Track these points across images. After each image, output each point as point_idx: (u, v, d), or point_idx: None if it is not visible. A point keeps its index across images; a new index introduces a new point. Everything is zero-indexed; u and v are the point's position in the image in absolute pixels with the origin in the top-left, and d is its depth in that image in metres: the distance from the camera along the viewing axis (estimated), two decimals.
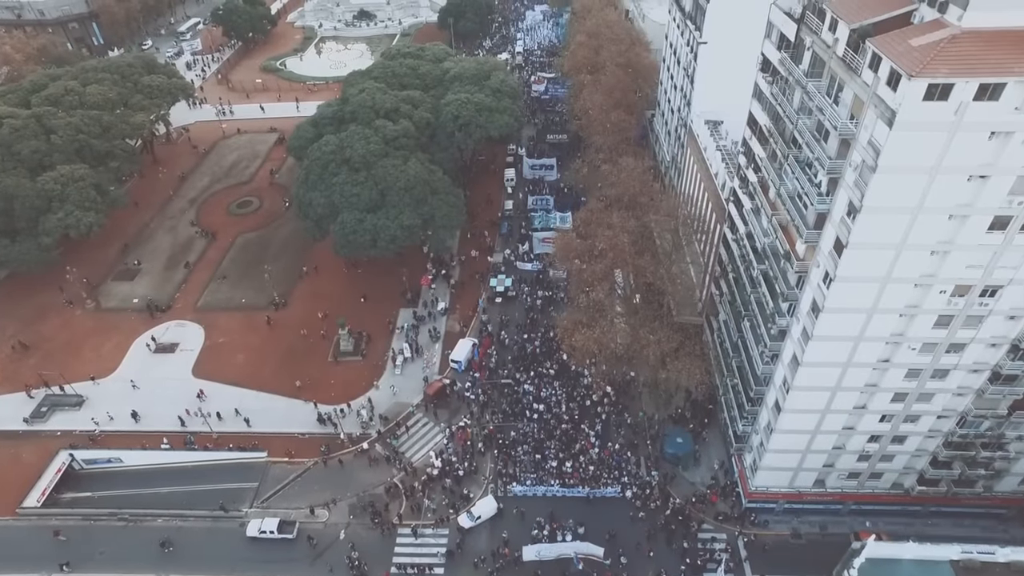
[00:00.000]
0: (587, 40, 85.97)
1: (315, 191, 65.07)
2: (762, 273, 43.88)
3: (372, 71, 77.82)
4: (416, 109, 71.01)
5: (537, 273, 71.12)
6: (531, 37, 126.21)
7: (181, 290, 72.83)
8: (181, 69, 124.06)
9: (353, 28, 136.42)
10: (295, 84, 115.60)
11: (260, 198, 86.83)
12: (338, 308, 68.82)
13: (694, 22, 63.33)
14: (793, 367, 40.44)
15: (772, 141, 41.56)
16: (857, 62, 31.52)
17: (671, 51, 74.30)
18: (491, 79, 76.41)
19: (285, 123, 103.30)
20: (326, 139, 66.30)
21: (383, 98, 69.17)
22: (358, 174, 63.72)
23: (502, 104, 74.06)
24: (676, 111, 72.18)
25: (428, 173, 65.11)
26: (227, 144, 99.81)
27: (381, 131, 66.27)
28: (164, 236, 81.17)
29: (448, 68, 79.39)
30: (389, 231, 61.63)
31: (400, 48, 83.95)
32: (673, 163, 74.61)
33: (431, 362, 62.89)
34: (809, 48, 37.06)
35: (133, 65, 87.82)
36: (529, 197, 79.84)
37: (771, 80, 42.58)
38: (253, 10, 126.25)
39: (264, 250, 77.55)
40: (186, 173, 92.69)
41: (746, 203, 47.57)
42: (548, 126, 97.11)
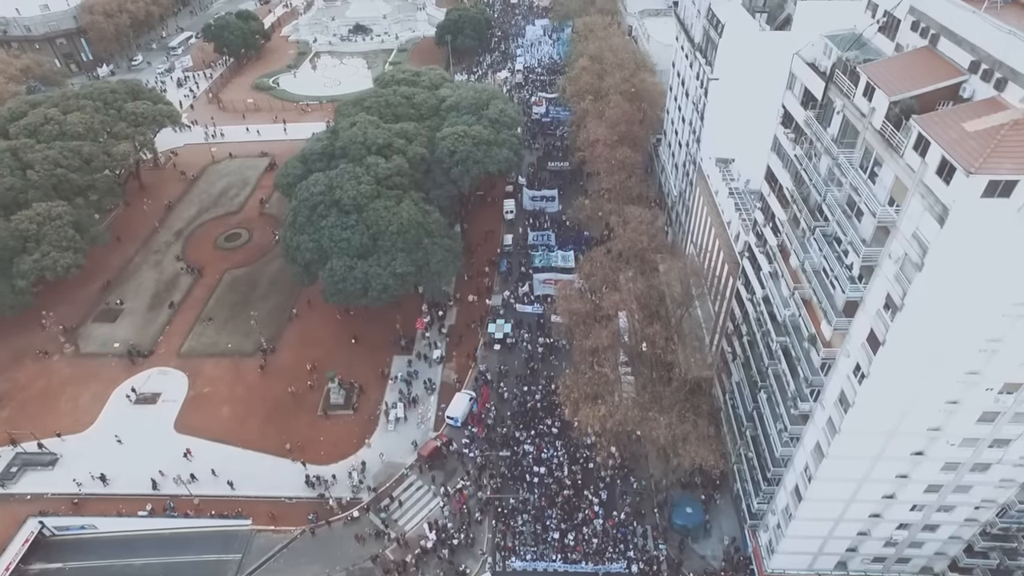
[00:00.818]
0: (590, 65, 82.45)
1: (303, 234, 61.56)
2: (781, 347, 40.41)
3: (364, 100, 74.25)
4: (410, 143, 67.48)
5: (538, 317, 67.66)
6: (531, 54, 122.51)
7: (165, 333, 69.36)
8: (171, 87, 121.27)
9: (348, 43, 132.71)
10: (288, 104, 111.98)
11: (249, 230, 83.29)
12: (329, 354, 65.49)
13: (704, 55, 59.81)
14: (817, 456, 36.98)
15: (794, 206, 38.09)
16: (899, 140, 28.02)
17: (678, 80, 70.77)
18: (489, 108, 72.85)
19: (276, 146, 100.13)
20: (315, 178, 62.83)
21: (375, 133, 65.62)
22: (348, 217, 60.24)
23: (501, 136, 70.51)
24: (684, 145, 68.67)
25: (422, 215, 61.61)
26: (216, 170, 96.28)
27: (373, 169, 62.77)
28: (149, 272, 77.70)
29: (444, 96, 75.86)
30: (381, 279, 58.12)
31: (395, 73, 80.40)
32: (680, 199, 71.09)
33: (426, 417, 59.45)
34: (839, 112, 33.58)
35: (117, 91, 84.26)
36: (530, 232, 76.25)
37: (794, 138, 39.11)
38: (246, 25, 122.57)
39: (252, 289, 74.07)
40: (173, 202, 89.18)
41: (763, 264, 44.11)
42: (549, 152, 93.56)
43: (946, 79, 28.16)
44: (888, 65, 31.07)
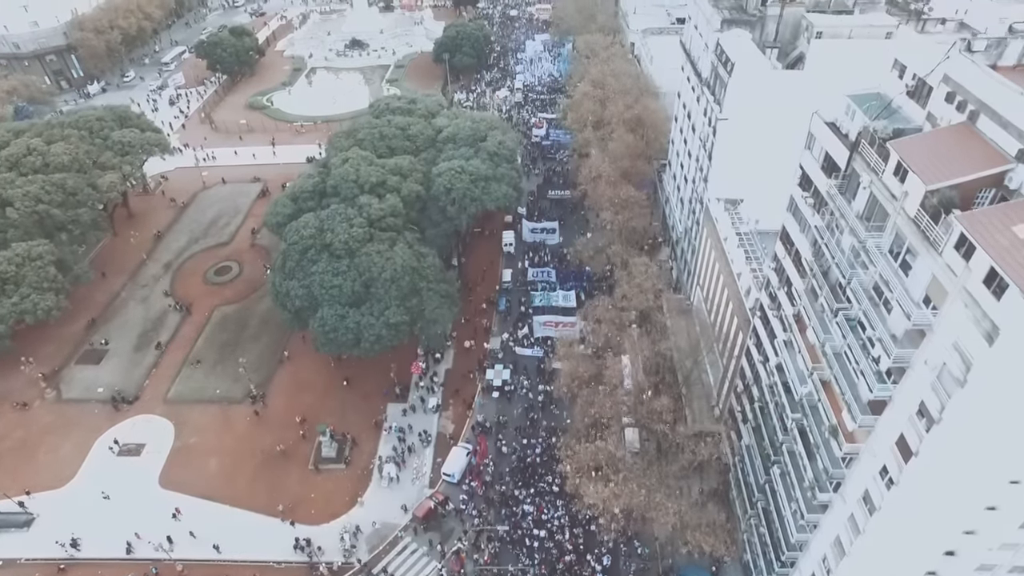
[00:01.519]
0: (592, 91, 79.74)
1: (293, 279, 58.96)
2: (797, 426, 37.82)
3: (357, 131, 71.56)
4: (405, 180, 64.84)
5: (538, 361, 65.04)
6: (531, 71, 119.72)
7: (151, 376, 66.73)
8: (163, 105, 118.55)
9: (345, 58, 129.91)
10: (281, 124, 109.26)
11: (240, 262, 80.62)
12: (320, 401, 62.94)
13: (712, 91, 57.07)
14: (838, 551, 34.33)
15: (813, 280, 35.41)
16: (937, 235, 25.35)
17: (684, 112, 67.99)
18: (487, 140, 70.17)
19: (269, 170, 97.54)
20: (305, 220, 60.17)
21: (368, 170, 62.97)
22: (339, 262, 57.58)
23: (499, 171, 67.83)
24: (691, 181, 65.91)
25: (417, 260, 58.98)
26: (207, 196, 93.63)
27: (365, 210, 60.16)
28: (135, 308, 75.06)
29: (441, 127, 73.17)
30: (374, 330, 55.48)
31: (389, 101, 77.65)
32: (687, 236, 68.35)
33: (421, 472, 56.82)
34: (866, 188, 30.91)
35: (103, 119, 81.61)
36: (529, 269, 73.57)
37: (813, 204, 36.43)
38: (239, 42, 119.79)
39: (242, 328, 71.44)
40: (163, 231, 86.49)
41: (777, 331, 41.47)
42: (550, 178, 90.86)
43: (990, 167, 25.48)
44: (922, 144, 28.37)
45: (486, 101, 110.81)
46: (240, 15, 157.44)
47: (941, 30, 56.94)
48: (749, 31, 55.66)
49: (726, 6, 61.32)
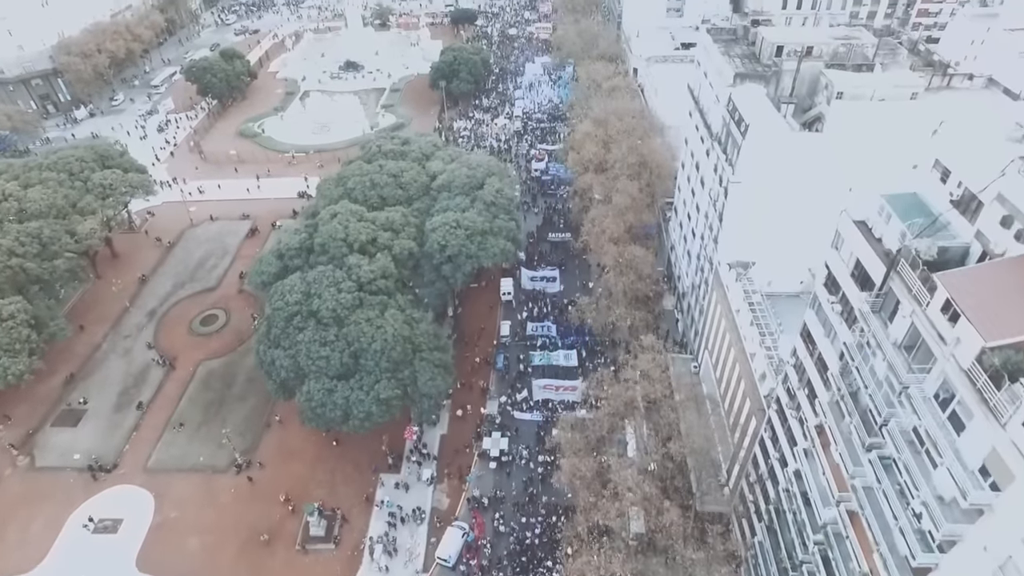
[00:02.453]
0: (594, 130, 76.23)
1: (278, 348, 55.56)
2: (820, 551, 34.48)
3: (347, 179, 68.03)
4: (397, 236, 61.42)
5: (538, 426, 61.70)
6: (531, 97, 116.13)
7: (131, 440, 63.30)
8: (152, 131, 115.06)
9: (339, 81, 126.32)
10: (273, 154, 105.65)
11: (227, 310, 77.21)
12: (310, 470, 59.55)
13: (724, 151, 53.60)
14: None
15: (841, 405, 31.95)
16: (1000, 403, 21.92)
17: (692, 161, 64.54)
18: (484, 188, 66.70)
19: (259, 206, 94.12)
20: (291, 283, 56.72)
21: (357, 227, 59.53)
22: (327, 331, 54.15)
23: (496, 224, 64.38)
24: (698, 236, 62.50)
25: (410, 328, 55.55)
26: (195, 235, 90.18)
27: (355, 272, 56.73)
28: (117, 362, 71.66)
29: (435, 172, 69.67)
30: (363, 406, 52.04)
31: (381, 144, 74.00)
32: (694, 291, 64.91)
33: (415, 554, 53.42)
34: (907, 318, 27.48)
35: (84, 159, 78.13)
36: (529, 323, 70.12)
37: (841, 313, 32.97)
38: (230, 66, 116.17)
39: (228, 386, 68.01)
40: (147, 275, 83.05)
41: (796, 435, 38.06)
42: (550, 217, 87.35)
43: None
44: (977, 281, 24.89)
45: (484, 130, 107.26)
46: (233, 33, 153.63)
47: (968, 86, 53.61)
48: (763, 85, 52.24)
49: (738, 54, 57.94)
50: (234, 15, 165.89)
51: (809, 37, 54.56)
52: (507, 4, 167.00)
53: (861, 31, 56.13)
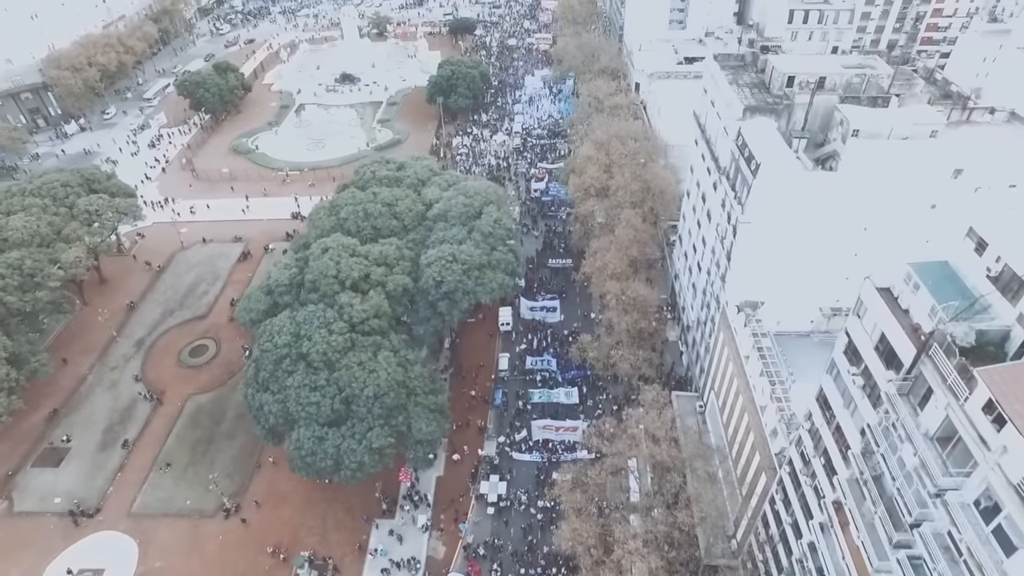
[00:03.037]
0: (596, 154, 73.78)
1: (266, 392, 53.20)
2: None
3: (340, 208, 65.62)
4: (391, 271, 59.02)
5: (538, 468, 59.32)
6: (530, 113, 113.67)
7: (115, 482, 60.92)
8: (144, 145, 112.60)
9: (335, 94, 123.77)
10: (266, 172, 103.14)
11: (217, 340, 74.82)
12: (300, 515, 57.12)
13: (733, 188, 51.16)
14: None
15: (863, 486, 29.57)
16: None
17: (697, 191, 62.10)
18: (482, 218, 64.25)
19: (251, 227, 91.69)
20: (280, 323, 54.33)
21: (349, 263, 57.10)
22: (318, 375, 51.77)
23: (495, 257, 61.98)
24: (704, 271, 60.06)
25: (404, 372, 53.16)
26: (185, 258, 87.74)
27: (346, 311, 54.35)
28: (102, 396, 69.28)
29: (431, 200, 67.22)
30: (355, 456, 49.66)
31: (376, 169, 71.41)
32: (699, 327, 62.49)
33: None
34: (941, 410, 25.08)
35: (69, 184, 75.69)
36: (528, 357, 67.75)
37: (863, 387, 30.56)
38: (223, 81, 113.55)
39: (217, 423, 65.61)
40: (136, 301, 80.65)
41: (812, 505, 35.67)
42: (550, 241, 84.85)
43: None
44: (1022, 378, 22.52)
45: (483, 147, 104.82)
46: (223, 45, 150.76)
47: (990, 120, 51.15)
48: (774, 119, 49.83)
49: (747, 83, 55.45)
50: (228, 24, 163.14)
51: (821, 66, 52.09)
52: (506, 13, 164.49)
53: (875, 60, 53.64)
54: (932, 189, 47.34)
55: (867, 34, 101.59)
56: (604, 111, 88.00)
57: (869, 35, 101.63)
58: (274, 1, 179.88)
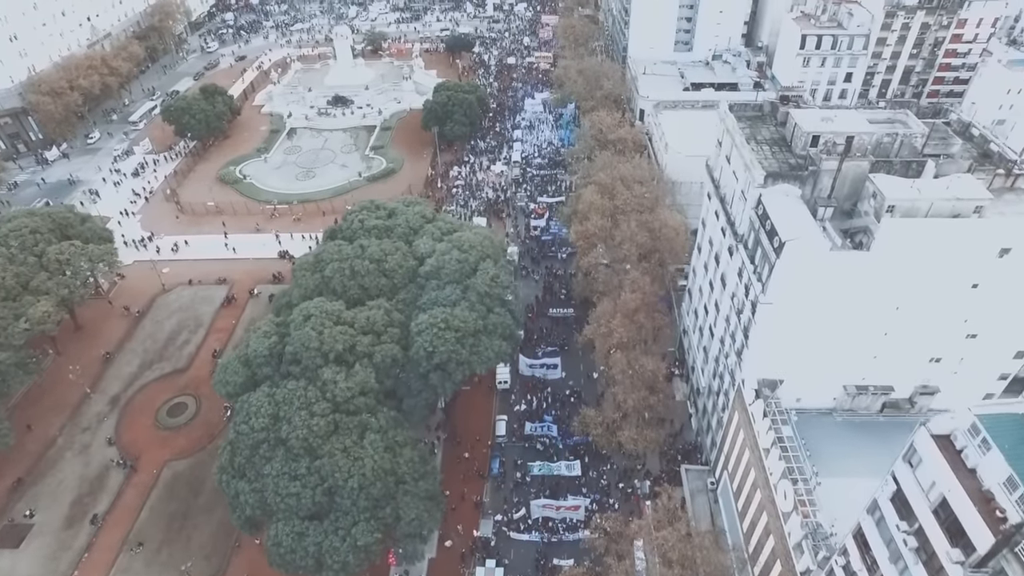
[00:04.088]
0: (599, 200, 69.19)
1: (243, 480, 48.85)
2: None
3: (325, 264, 61.02)
4: (379, 339, 54.50)
5: (537, 549, 54.91)
6: (530, 140, 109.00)
7: (81, 564, 56.36)
8: (128, 171, 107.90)
9: (327, 117, 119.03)
10: (253, 204, 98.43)
11: (197, 397, 70.26)
12: None
13: (752, 260, 46.69)
14: None
15: None
16: None
17: (710, 251, 57.61)
18: (478, 275, 59.62)
19: (238, 268, 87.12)
20: (257, 401, 49.90)
21: (333, 333, 52.55)
22: (298, 463, 47.36)
23: (491, 321, 57.43)
24: (717, 339, 55.56)
25: (392, 455, 48.67)
26: (167, 302, 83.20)
27: (330, 389, 49.89)
28: (73, 463, 64.75)
29: (424, 254, 62.65)
30: (338, 555, 45.24)
31: (364, 218, 66.54)
32: (710, 395, 58.05)
33: None
34: None
35: (39, 230, 70.98)
36: (527, 424, 63.32)
37: (917, 548, 26.17)
38: (210, 107, 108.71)
39: (195, 494, 61.12)
40: (112, 352, 76.19)
41: None
42: (551, 285, 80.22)
43: None
44: None
45: (480, 178, 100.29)
46: (204, 68, 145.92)
47: None
48: (798, 186, 45.34)
49: (766, 139, 50.94)
50: (216, 42, 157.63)
51: (849, 124, 47.47)
52: (505, 28, 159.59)
53: (906, 115, 49.09)
54: (975, 268, 43.13)
55: (882, 60, 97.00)
56: (608, 146, 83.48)
57: (885, 61, 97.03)
58: (267, 15, 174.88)
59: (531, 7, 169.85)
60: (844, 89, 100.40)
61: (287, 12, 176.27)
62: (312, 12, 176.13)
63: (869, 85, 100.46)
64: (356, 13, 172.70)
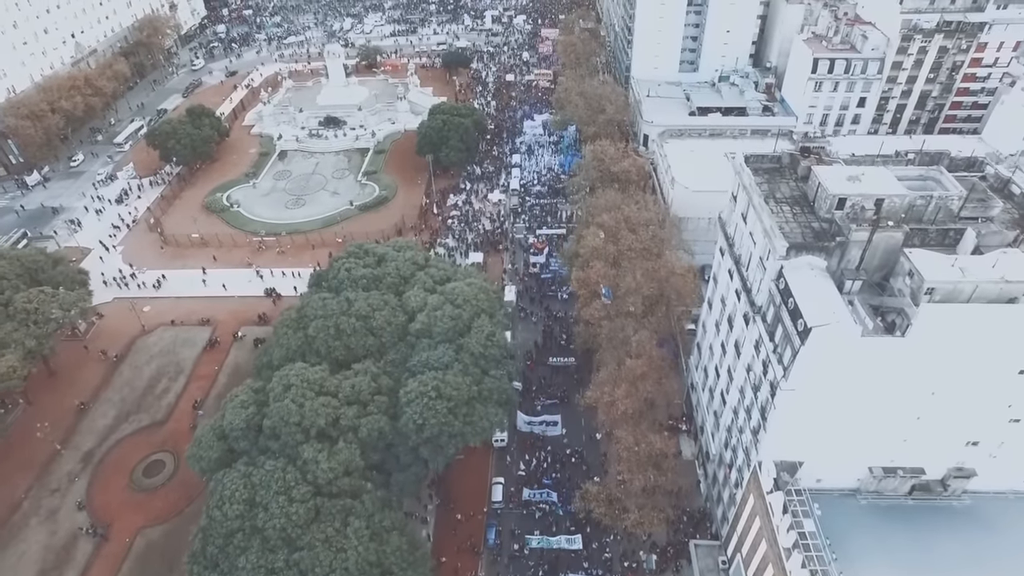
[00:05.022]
0: (603, 246, 64.94)
1: (215, 571, 44.70)
2: None
3: (308, 321, 56.89)
4: (364, 409, 50.36)
5: None
6: (529, 167, 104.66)
7: None
8: (111, 202, 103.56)
9: (318, 140, 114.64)
10: (239, 236, 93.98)
11: (175, 454, 65.82)
12: None
13: (771, 337, 42.50)
14: None
15: None
16: None
17: (722, 311, 53.44)
18: (472, 334, 55.50)
19: (223, 307, 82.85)
20: (232, 484, 45.78)
21: (315, 405, 48.42)
22: (275, 555, 43.26)
23: (487, 386, 53.33)
24: (730, 409, 51.39)
25: (378, 543, 44.55)
26: (146, 345, 78.89)
27: (311, 470, 45.86)
28: (37, 531, 60.22)
29: (414, 308, 58.45)
30: None
31: (351, 267, 62.10)
32: (721, 467, 53.80)
33: None
34: None
35: (6, 276, 66.81)
36: (525, 489, 59.19)
37: None
38: (197, 131, 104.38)
39: (170, 568, 56.32)
40: (86, 402, 71.95)
41: None
42: (551, 330, 75.84)
43: None
44: None
45: (477, 208, 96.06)
46: (193, 82, 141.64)
47: None
48: (824, 257, 41.15)
49: (785, 197, 46.75)
50: (201, 59, 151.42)
51: (879, 185, 43.26)
52: (504, 41, 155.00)
53: (940, 173, 44.94)
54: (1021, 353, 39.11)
55: (897, 84, 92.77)
56: (610, 178, 79.35)
57: (900, 85, 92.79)
58: (259, 28, 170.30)
59: (530, 19, 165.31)
60: (857, 114, 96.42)
61: (280, 24, 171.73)
62: (306, 24, 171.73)
63: (883, 110, 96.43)
64: (351, 25, 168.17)
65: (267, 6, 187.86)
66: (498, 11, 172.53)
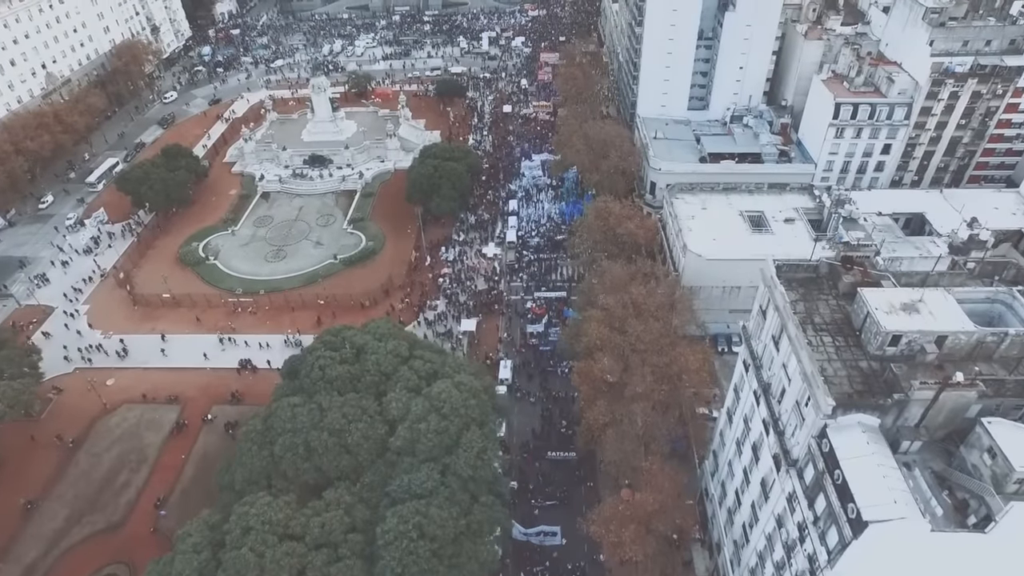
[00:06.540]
0: (608, 334, 57.93)
1: None
2: None
3: (275, 437, 50.00)
4: (336, 554, 43.33)
5: None
6: (527, 215, 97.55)
7: None
8: (79, 253, 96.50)
9: (303, 180, 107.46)
10: (214, 295, 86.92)
11: (131, 567, 58.95)
12: None
13: (811, 506, 35.43)
14: None
15: None
16: None
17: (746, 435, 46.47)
18: (460, 451, 48.54)
19: (194, 381, 75.95)
20: None
21: (277, 556, 41.33)
22: None
23: (476, 517, 46.47)
24: (754, 551, 44.44)
25: None
26: (107, 428, 71.77)
27: None
28: None
29: (396, 415, 51.50)
30: None
31: (324, 361, 55.01)
32: None
33: None
34: None
35: None
36: None
37: None
38: (171, 174, 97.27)
39: None
40: (34, 500, 64.96)
41: None
42: (550, 415, 68.90)
43: None
44: None
45: (472, 264, 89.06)
46: (165, 118, 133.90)
47: None
48: (878, 416, 34.23)
49: (824, 323, 39.76)
50: (174, 91, 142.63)
51: (939, 315, 36.25)
52: (501, 66, 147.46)
53: (1013, 297, 38.02)
54: None
55: (925, 131, 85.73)
56: (615, 242, 72.54)
57: (928, 132, 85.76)
58: (246, 49, 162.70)
59: (529, 42, 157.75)
60: (881, 161, 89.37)
61: (267, 46, 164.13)
62: (295, 46, 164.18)
63: (909, 156, 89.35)
64: (341, 47, 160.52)
65: (255, 25, 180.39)
66: (495, 32, 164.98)
